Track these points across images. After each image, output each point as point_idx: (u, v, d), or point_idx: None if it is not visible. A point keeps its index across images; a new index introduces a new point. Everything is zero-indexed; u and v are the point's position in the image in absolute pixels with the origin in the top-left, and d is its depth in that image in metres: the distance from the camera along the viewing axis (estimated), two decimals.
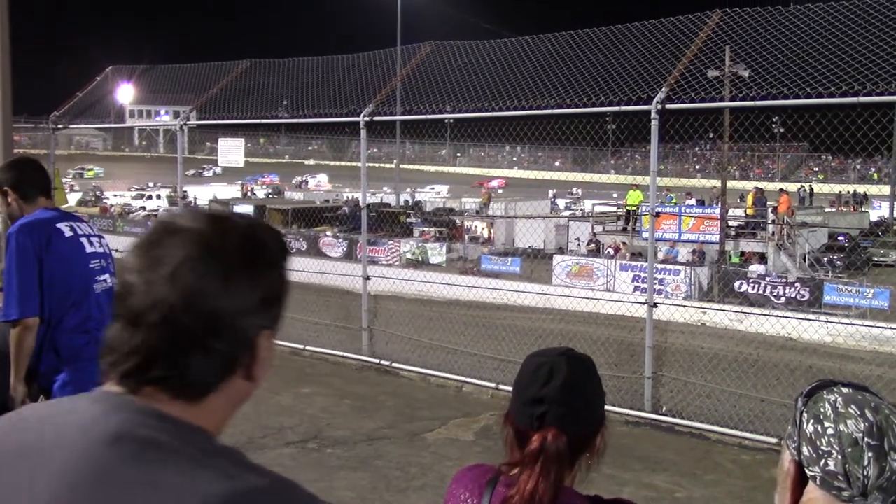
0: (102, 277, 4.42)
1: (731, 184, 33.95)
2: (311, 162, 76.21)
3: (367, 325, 11.40)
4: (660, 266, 22.56)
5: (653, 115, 8.84)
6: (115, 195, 50.90)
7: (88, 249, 4.44)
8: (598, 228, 30.73)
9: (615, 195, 37.43)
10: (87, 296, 4.34)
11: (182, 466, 1.07)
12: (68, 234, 4.40)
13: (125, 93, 19.36)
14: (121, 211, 43.58)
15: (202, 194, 44.56)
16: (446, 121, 13.15)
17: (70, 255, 4.34)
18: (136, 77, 18.29)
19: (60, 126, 15.70)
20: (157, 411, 1.14)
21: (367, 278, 11.51)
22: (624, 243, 27.54)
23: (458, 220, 35.75)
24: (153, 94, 18.65)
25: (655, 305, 9.12)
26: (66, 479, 1.06)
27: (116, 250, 4.50)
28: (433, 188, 53.24)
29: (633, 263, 24.74)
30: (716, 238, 26.44)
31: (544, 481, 1.89)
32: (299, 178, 62.71)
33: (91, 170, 63.36)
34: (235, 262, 1.18)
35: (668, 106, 8.89)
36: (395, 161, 46.98)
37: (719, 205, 27.67)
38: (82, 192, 49.81)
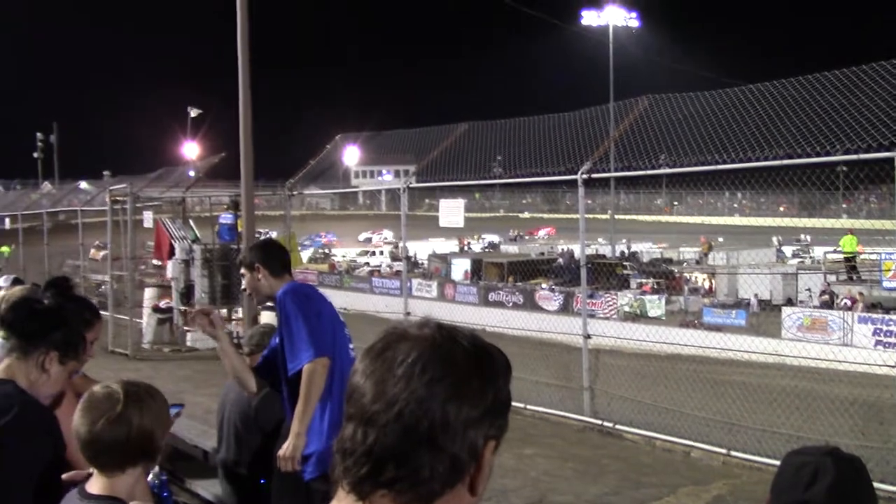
0: (351, 346, 4.58)
1: None
2: (526, 215, 76.97)
3: (589, 385, 11.21)
4: None
5: None
6: (342, 252, 53.85)
7: (342, 318, 4.66)
8: (832, 278, 28.73)
9: None
10: (345, 361, 4.37)
11: None
12: (328, 301, 4.65)
13: (351, 155, 20.70)
14: (347, 267, 45.88)
15: (421, 250, 46.06)
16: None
17: (336, 321, 4.52)
18: (360, 141, 19.51)
19: (295, 193, 16.87)
20: None
21: (588, 337, 11.36)
22: (861, 293, 25.55)
23: (676, 271, 34.71)
24: (377, 155, 19.75)
25: None
26: None
27: (344, 309, 4.76)
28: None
29: (874, 315, 22.85)
30: None
31: None
32: (365, 234, 63.88)
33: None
34: (466, 368, 1.21)
35: None
36: (608, 212, 46.44)
37: None
38: (312, 250, 53.12)
